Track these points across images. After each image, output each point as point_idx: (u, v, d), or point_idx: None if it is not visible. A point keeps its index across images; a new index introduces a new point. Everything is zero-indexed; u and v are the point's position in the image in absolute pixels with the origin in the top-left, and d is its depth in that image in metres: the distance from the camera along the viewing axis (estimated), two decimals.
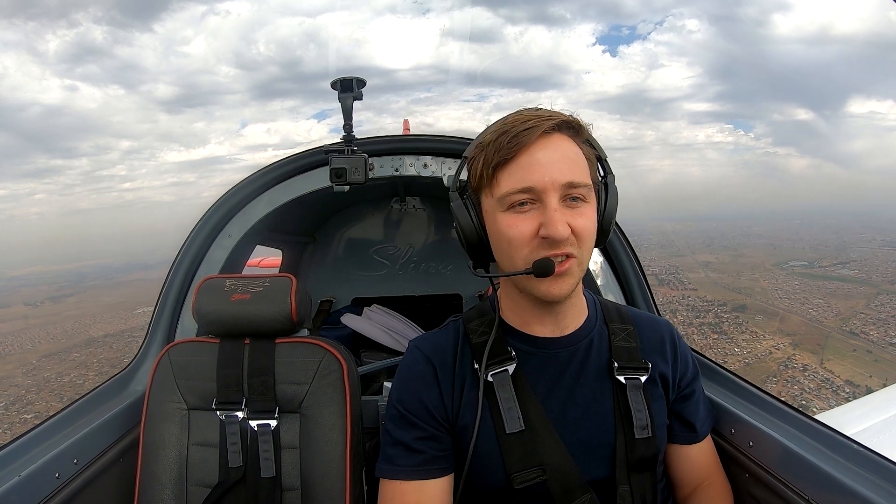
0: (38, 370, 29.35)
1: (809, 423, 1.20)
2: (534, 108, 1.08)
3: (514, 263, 1.05)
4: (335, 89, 1.61)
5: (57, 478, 1.32)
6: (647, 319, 1.28)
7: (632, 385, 1.15)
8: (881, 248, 48.82)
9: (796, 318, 34.43)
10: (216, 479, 1.51)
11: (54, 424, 1.43)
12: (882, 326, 31.88)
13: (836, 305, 35.75)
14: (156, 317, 1.88)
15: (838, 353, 28.70)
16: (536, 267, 1.00)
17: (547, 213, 1.00)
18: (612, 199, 1.11)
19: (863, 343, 30.19)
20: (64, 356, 30.90)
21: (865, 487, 0.99)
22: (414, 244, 3.33)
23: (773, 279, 42.03)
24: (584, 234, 1.03)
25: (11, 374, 29.40)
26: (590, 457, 1.11)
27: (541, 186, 1.00)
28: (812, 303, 36.77)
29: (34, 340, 36.47)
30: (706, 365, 1.51)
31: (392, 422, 1.16)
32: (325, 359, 1.56)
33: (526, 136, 1.01)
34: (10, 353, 34.51)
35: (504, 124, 1.04)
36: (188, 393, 1.57)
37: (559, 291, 1.05)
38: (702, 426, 1.24)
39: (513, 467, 1.08)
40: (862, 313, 33.55)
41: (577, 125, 1.07)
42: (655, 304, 1.84)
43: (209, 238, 1.94)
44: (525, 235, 1.02)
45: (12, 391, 26.26)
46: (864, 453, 1.06)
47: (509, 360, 1.13)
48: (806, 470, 1.11)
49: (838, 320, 33.33)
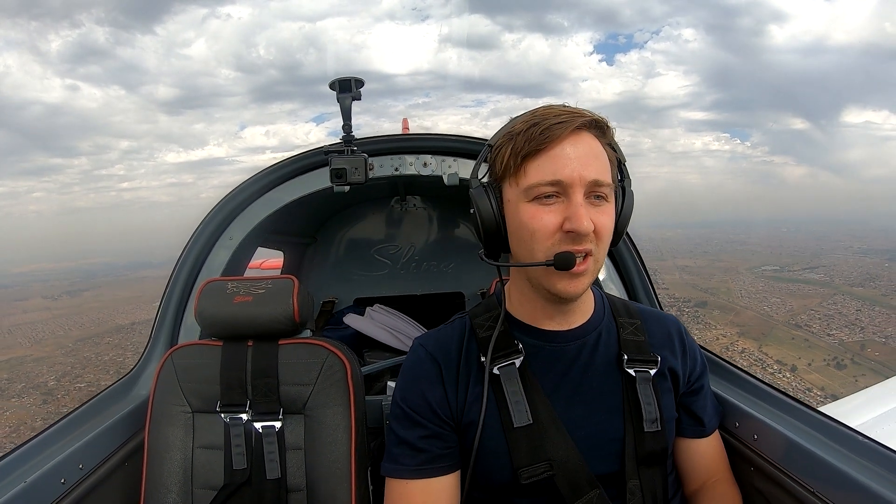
0: (76, 352, 33.71)
1: (814, 415, 1.20)
2: (562, 104, 1.08)
3: (534, 255, 1.04)
4: (333, 90, 1.61)
5: (62, 483, 1.32)
6: (654, 314, 1.28)
7: (641, 378, 1.14)
8: (854, 255, 53.18)
9: (751, 313, 40.16)
10: (221, 481, 1.51)
11: (59, 430, 1.43)
12: (826, 321, 37.12)
13: (791, 303, 41.30)
14: (158, 320, 1.88)
15: (777, 341, 34.40)
16: (558, 259, 1.00)
17: (572, 207, 1.00)
18: (629, 202, 1.12)
19: (803, 333, 35.48)
20: (97, 340, 34.40)
21: (870, 479, 0.99)
22: (415, 243, 3.33)
23: (742, 281, 47.17)
24: (604, 233, 1.04)
25: (52, 354, 33.95)
26: (598, 451, 1.10)
27: (569, 181, 1.00)
28: (769, 301, 42.39)
29: (64, 328, 40.35)
30: (710, 359, 1.50)
31: (396, 421, 1.15)
32: (329, 359, 1.56)
33: (558, 129, 1.01)
34: (44, 339, 38.57)
35: (535, 116, 1.04)
36: (192, 396, 1.57)
37: (575, 290, 1.05)
38: (710, 420, 1.24)
39: (520, 462, 1.07)
40: (812, 310, 39.12)
41: (605, 126, 1.07)
42: (658, 299, 1.84)
43: (211, 241, 1.94)
44: (549, 228, 1.02)
45: (58, 367, 30.55)
46: (869, 444, 1.06)
47: (516, 353, 1.13)
48: (810, 462, 1.11)
49: (788, 315, 38.90)
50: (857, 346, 33.48)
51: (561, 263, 1.00)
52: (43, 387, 27.90)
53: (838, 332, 35.69)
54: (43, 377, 29.41)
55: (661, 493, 1.14)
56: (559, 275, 1.03)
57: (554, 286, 1.05)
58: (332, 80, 1.61)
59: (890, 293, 40.88)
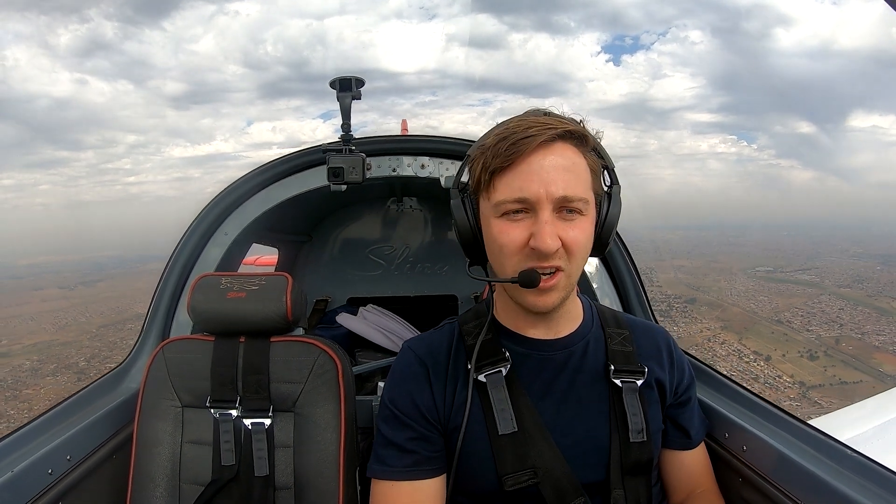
0: (101, 337, 34.72)
1: (803, 427, 1.21)
2: (542, 111, 1.06)
3: (503, 270, 1.05)
4: (334, 88, 1.61)
5: (49, 474, 1.31)
6: (643, 326, 1.28)
7: (628, 388, 1.14)
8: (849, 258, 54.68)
9: (736, 309, 41.25)
10: (209, 477, 1.50)
11: (47, 420, 1.43)
12: (807, 318, 38.62)
13: (777, 302, 42.53)
14: (151, 314, 1.87)
15: (758, 334, 35.78)
16: (522, 277, 1.00)
17: (538, 224, 0.99)
18: (615, 209, 1.09)
19: (784, 329, 37.00)
20: (120, 326, 35.29)
21: (858, 493, 1.00)
22: (410, 245, 3.33)
23: (733, 281, 48.94)
24: (575, 248, 1.02)
25: (78, 338, 35.77)
26: (584, 460, 1.11)
27: (535, 198, 0.99)
28: (756, 299, 43.43)
29: (85, 315, 41.77)
30: (700, 369, 1.51)
31: (384, 422, 1.15)
32: (320, 358, 1.56)
33: (525, 143, 0.99)
34: (68, 325, 39.89)
35: (506, 129, 1.02)
36: (182, 390, 1.56)
37: (543, 305, 1.05)
38: (696, 433, 1.24)
39: (504, 469, 1.07)
40: (796, 308, 40.49)
41: (582, 134, 1.04)
42: (652, 309, 1.84)
43: (205, 236, 1.93)
44: (516, 244, 1.01)
45: (86, 350, 32.05)
46: (857, 458, 1.07)
47: (503, 360, 1.13)
48: (799, 475, 1.11)
49: (772, 312, 40.27)
50: (833, 341, 35.07)
51: (524, 282, 1.00)
52: (74, 367, 29.29)
53: (817, 329, 37.19)
54: (73, 358, 30.81)
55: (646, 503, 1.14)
56: (527, 291, 1.03)
57: (524, 301, 1.06)
58: (333, 79, 1.61)
59: (875, 294, 42.34)
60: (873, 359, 32.42)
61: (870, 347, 34.20)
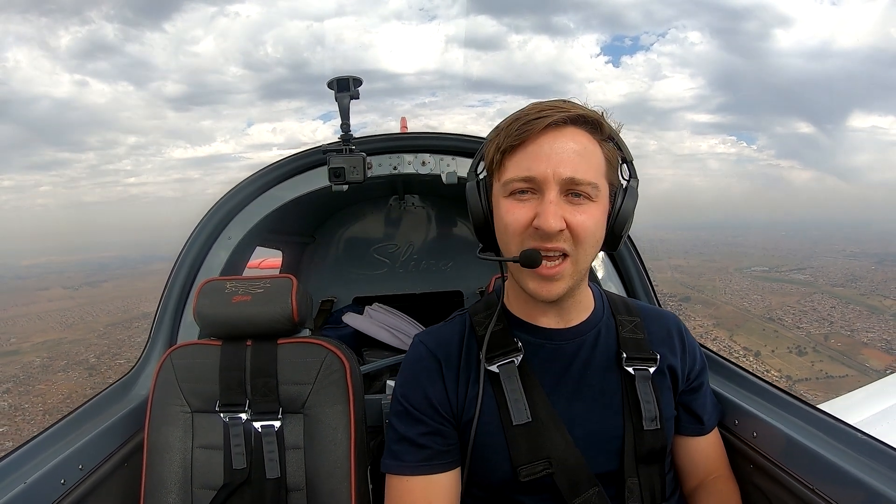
0: (109, 335, 36.08)
1: (812, 412, 1.20)
2: (561, 99, 1.06)
3: (508, 250, 1.05)
4: (332, 89, 1.61)
5: (62, 484, 1.32)
6: (654, 312, 1.28)
7: (640, 376, 1.14)
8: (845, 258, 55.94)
9: (729, 307, 43.17)
10: (221, 481, 1.51)
11: (58, 430, 1.43)
12: (798, 315, 40.20)
13: (770, 300, 44.52)
14: (157, 320, 1.87)
15: (749, 331, 37.58)
16: (523, 257, 1.00)
17: (542, 204, 0.99)
18: (629, 203, 1.07)
19: (774, 326, 38.68)
20: (127, 325, 36.60)
21: (868, 475, 0.99)
22: (414, 242, 3.33)
23: (728, 280, 51.95)
24: (582, 232, 1.00)
25: (86, 337, 36.93)
26: (597, 449, 1.10)
27: (541, 177, 0.99)
28: (750, 298, 45.38)
29: (92, 314, 42.85)
30: (710, 357, 1.50)
31: (397, 417, 1.15)
32: (328, 358, 1.56)
33: (536, 124, 1.00)
34: (75, 324, 41.16)
35: (522, 111, 1.04)
36: (191, 396, 1.57)
37: (547, 293, 1.04)
38: (709, 419, 1.24)
39: (519, 460, 1.07)
40: (788, 306, 42.09)
41: (597, 121, 1.04)
42: (657, 296, 1.84)
43: (209, 240, 1.94)
44: (520, 223, 1.01)
45: (95, 348, 33.21)
46: (867, 441, 1.06)
47: (515, 350, 1.12)
48: (809, 459, 1.11)
49: (764, 310, 42.08)
50: (822, 338, 36.24)
51: (525, 261, 1.00)
52: (85, 363, 30.47)
53: (808, 326, 38.55)
54: (83, 355, 31.87)
55: (660, 491, 1.14)
56: (530, 275, 1.03)
57: (526, 286, 1.05)
58: (330, 79, 1.61)
59: (868, 293, 43.25)
60: (861, 354, 33.45)
61: (858, 344, 35.20)
